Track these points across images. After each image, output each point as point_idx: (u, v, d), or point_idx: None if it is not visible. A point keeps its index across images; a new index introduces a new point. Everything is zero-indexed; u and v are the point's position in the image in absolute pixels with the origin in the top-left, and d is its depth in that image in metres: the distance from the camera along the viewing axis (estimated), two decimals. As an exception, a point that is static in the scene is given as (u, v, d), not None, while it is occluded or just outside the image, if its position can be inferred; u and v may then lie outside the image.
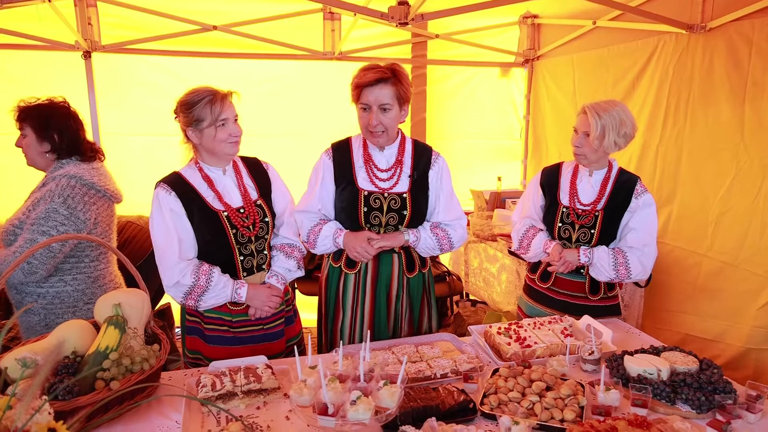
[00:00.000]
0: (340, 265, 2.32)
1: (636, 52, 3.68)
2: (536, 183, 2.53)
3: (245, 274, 2.13)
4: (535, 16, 4.68)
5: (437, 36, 4.43)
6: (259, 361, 1.87)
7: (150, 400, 1.63)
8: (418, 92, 4.68)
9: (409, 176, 2.26)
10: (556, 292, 2.44)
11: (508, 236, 3.79)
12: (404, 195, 2.24)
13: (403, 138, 2.31)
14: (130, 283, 2.18)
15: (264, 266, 2.19)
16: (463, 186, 4.79)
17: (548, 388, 1.68)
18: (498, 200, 4.46)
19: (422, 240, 2.26)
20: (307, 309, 3.58)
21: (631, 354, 1.86)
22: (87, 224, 2.31)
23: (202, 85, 2.04)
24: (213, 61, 3.98)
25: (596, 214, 2.33)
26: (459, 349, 2.05)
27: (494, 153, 4.97)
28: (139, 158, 3.92)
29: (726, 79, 3.07)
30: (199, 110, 1.97)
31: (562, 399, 1.61)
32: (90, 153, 2.43)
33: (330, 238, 2.25)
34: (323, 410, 1.37)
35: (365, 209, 2.22)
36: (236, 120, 2.04)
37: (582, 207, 2.36)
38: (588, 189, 2.38)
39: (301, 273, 2.29)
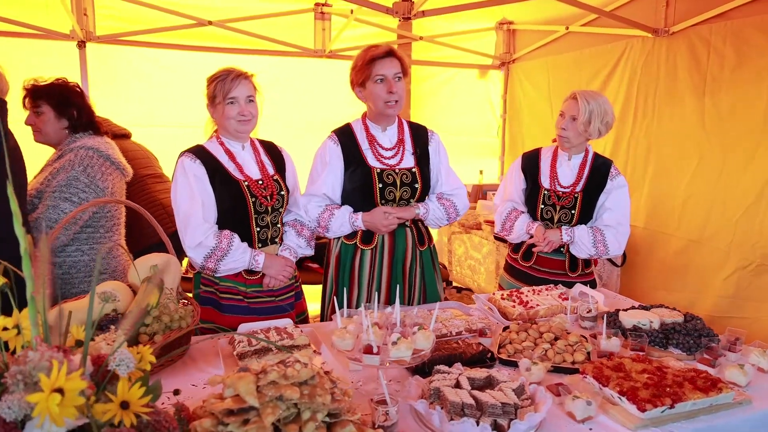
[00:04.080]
0: (355, 242, 2.40)
1: (606, 55, 4.01)
2: (517, 167, 2.67)
3: (260, 245, 2.22)
4: (510, 23, 4.98)
5: (421, 38, 4.64)
6: (286, 322, 1.98)
7: (187, 348, 1.71)
8: (402, 90, 4.88)
9: (413, 153, 2.40)
10: (537, 270, 2.59)
11: (493, 222, 3.99)
12: (413, 169, 2.38)
13: (400, 120, 2.46)
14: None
15: (277, 240, 2.28)
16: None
17: (556, 339, 1.86)
18: (480, 192, 4.70)
19: (431, 211, 2.41)
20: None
21: (625, 311, 2.07)
22: (105, 192, 2.37)
23: (228, 66, 2.15)
24: (206, 55, 4.04)
25: (576, 195, 2.51)
26: (466, 314, 2.21)
27: (474, 149, 5.21)
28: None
29: (688, 76, 3.40)
30: (213, 87, 2.11)
31: (570, 345, 1.80)
32: (102, 129, 2.52)
33: (347, 223, 2.34)
34: (368, 350, 1.50)
35: (380, 185, 2.33)
36: (250, 100, 2.12)
37: (562, 189, 2.53)
38: (567, 172, 2.55)
39: (310, 252, 2.39)
